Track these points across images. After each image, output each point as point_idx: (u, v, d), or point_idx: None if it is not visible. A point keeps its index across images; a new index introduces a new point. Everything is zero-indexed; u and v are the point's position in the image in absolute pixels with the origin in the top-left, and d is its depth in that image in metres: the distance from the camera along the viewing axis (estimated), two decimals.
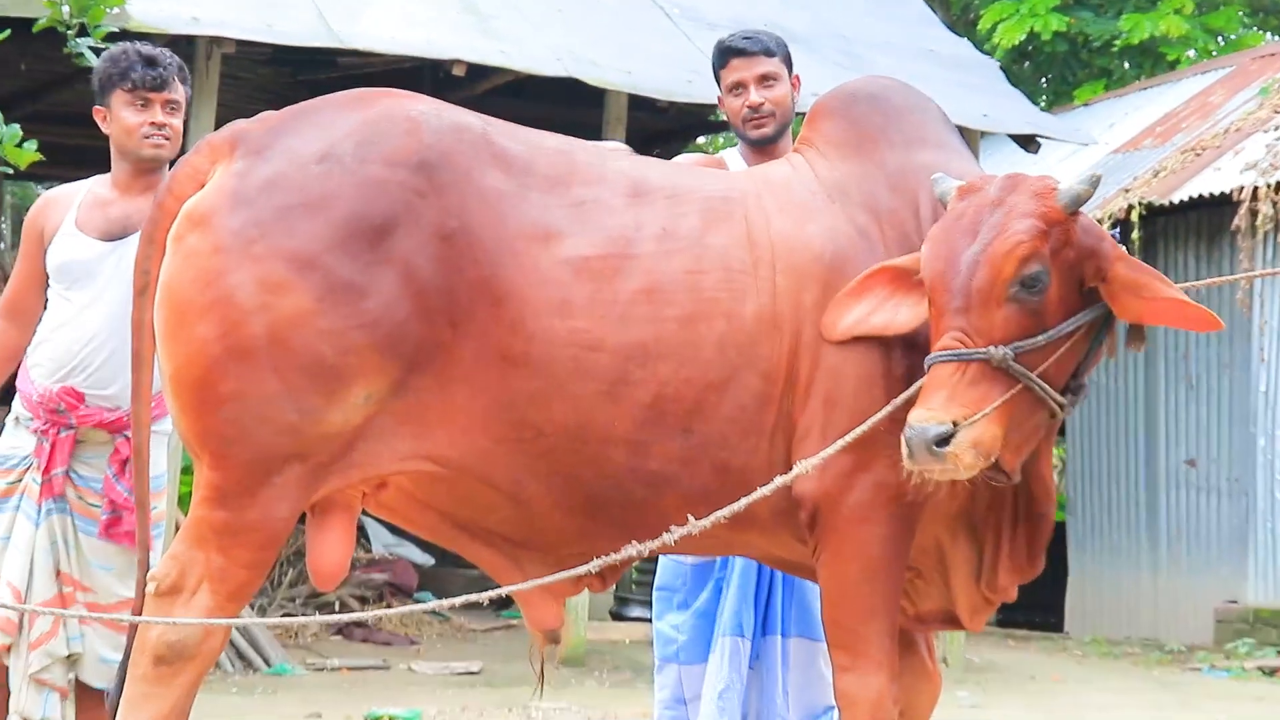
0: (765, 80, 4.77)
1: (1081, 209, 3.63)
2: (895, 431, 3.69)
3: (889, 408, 3.64)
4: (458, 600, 3.51)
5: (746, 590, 4.74)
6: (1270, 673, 11.59)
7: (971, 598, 3.99)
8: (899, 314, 3.67)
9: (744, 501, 3.57)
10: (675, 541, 3.58)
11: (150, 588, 3.56)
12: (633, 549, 3.54)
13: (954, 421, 3.42)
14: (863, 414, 3.67)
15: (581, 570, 3.61)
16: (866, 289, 3.69)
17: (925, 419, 3.43)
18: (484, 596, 3.61)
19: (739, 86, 4.79)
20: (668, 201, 3.81)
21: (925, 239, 3.66)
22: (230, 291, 3.48)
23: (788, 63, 4.84)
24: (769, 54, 4.79)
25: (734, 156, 4.93)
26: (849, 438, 3.60)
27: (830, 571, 3.80)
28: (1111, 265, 3.62)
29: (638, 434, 3.66)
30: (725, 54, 4.83)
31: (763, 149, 4.75)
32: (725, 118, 4.94)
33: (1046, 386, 3.56)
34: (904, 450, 3.46)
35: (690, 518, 3.53)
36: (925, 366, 3.56)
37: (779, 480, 3.60)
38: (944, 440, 3.40)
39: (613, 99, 10.50)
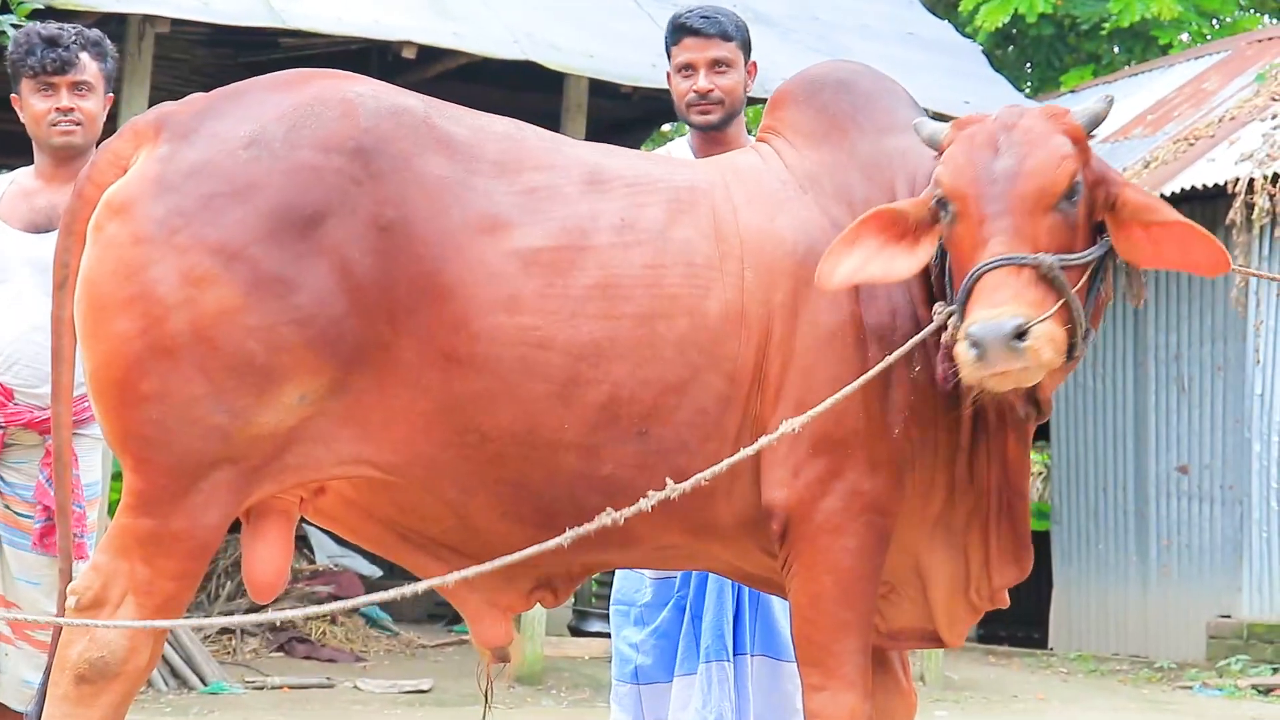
0: (717, 65, 4.75)
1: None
2: (869, 433, 3.71)
3: (880, 366, 3.62)
4: (406, 589, 3.41)
5: (724, 610, 4.74)
6: (1265, 691, 11.64)
7: (953, 609, 3.99)
8: (895, 263, 3.65)
9: (726, 463, 3.53)
10: (634, 553, 3.56)
11: (71, 601, 3.51)
12: (607, 516, 3.46)
13: (1026, 317, 3.40)
14: (837, 418, 3.66)
15: (551, 544, 3.48)
16: (859, 236, 3.66)
17: (997, 315, 3.39)
18: (417, 588, 3.49)
19: (689, 68, 4.77)
20: (628, 190, 3.79)
21: (941, 162, 3.64)
22: (152, 284, 3.44)
23: (745, 48, 4.81)
24: (725, 38, 4.76)
25: (681, 148, 4.92)
26: (838, 396, 3.57)
27: (801, 585, 3.79)
28: (1121, 190, 3.65)
29: (590, 438, 3.64)
30: (679, 31, 4.80)
31: (711, 136, 4.75)
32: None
33: (1081, 309, 3.55)
34: (968, 354, 3.40)
35: (650, 493, 3.45)
36: (972, 275, 3.50)
37: (763, 440, 3.57)
38: (1022, 333, 3.38)
39: (573, 84, 10.51)
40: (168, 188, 3.50)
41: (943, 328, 3.64)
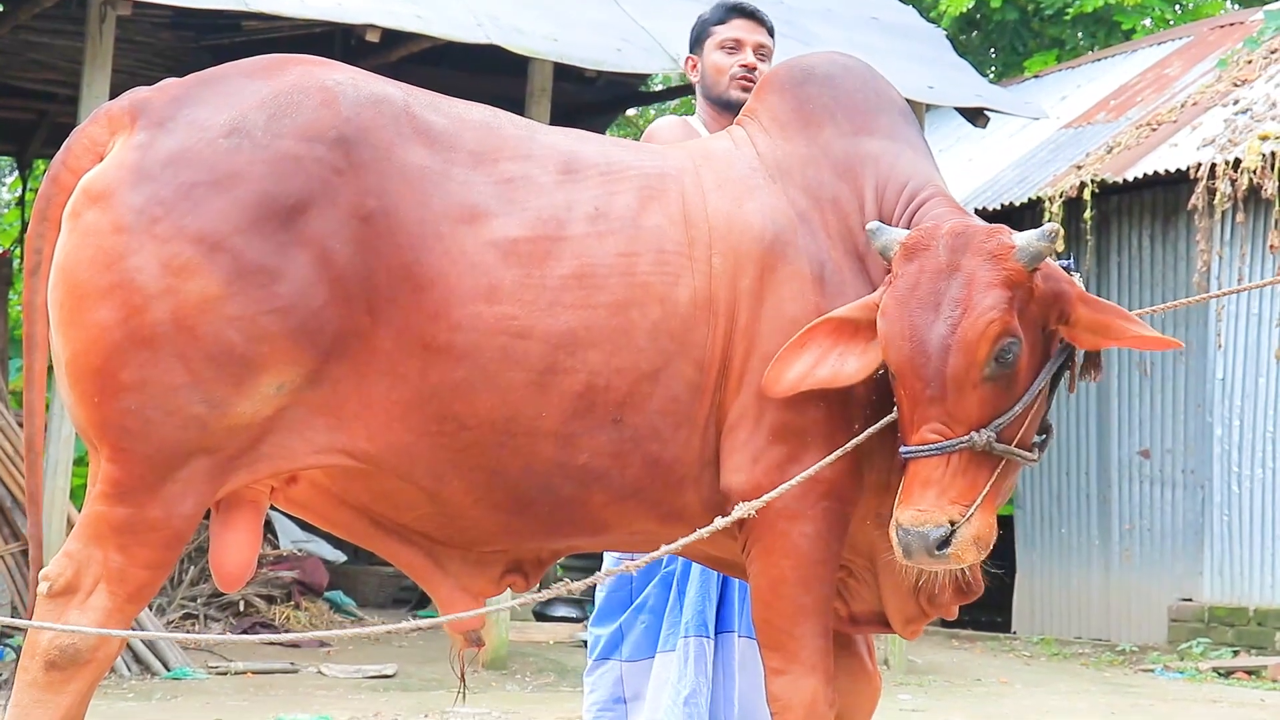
0: (761, 50, 5.02)
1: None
2: (829, 423, 3.76)
3: (860, 438, 3.72)
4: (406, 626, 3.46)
5: (708, 586, 4.78)
6: (1226, 674, 11.73)
7: (905, 607, 4.03)
8: (845, 364, 3.69)
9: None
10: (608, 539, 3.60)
11: (43, 588, 3.51)
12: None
13: (950, 521, 3.51)
14: (797, 407, 3.73)
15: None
16: (809, 340, 3.70)
17: (920, 521, 3.51)
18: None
19: (736, 45, 5.00)
20: (601, 179, 3.82)
21: (880, 312, 3.64)
22: (132, 274, 3.44)
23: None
24: (770, 32, 5.07)
25: (670, 126, 4.98)
26: (829, 459, 3.69)
27: (760, 569, 3.83)
28: (1074, 308, 3.67)
29: (567, 426, 3.67)
30: (732, 11, 5.04)
31: (730, 114, 4.83)
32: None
33: (1025, 453, 3.64)
34: (898, 549, 3.54)
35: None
36: (901, 456, 3.62)
37: (771, 494, 3.68)
38: (944, 542, 3.49)
39: (537, 68, 10.49)
40: (146, 176, 3.50)
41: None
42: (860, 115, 4.03)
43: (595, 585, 4.91)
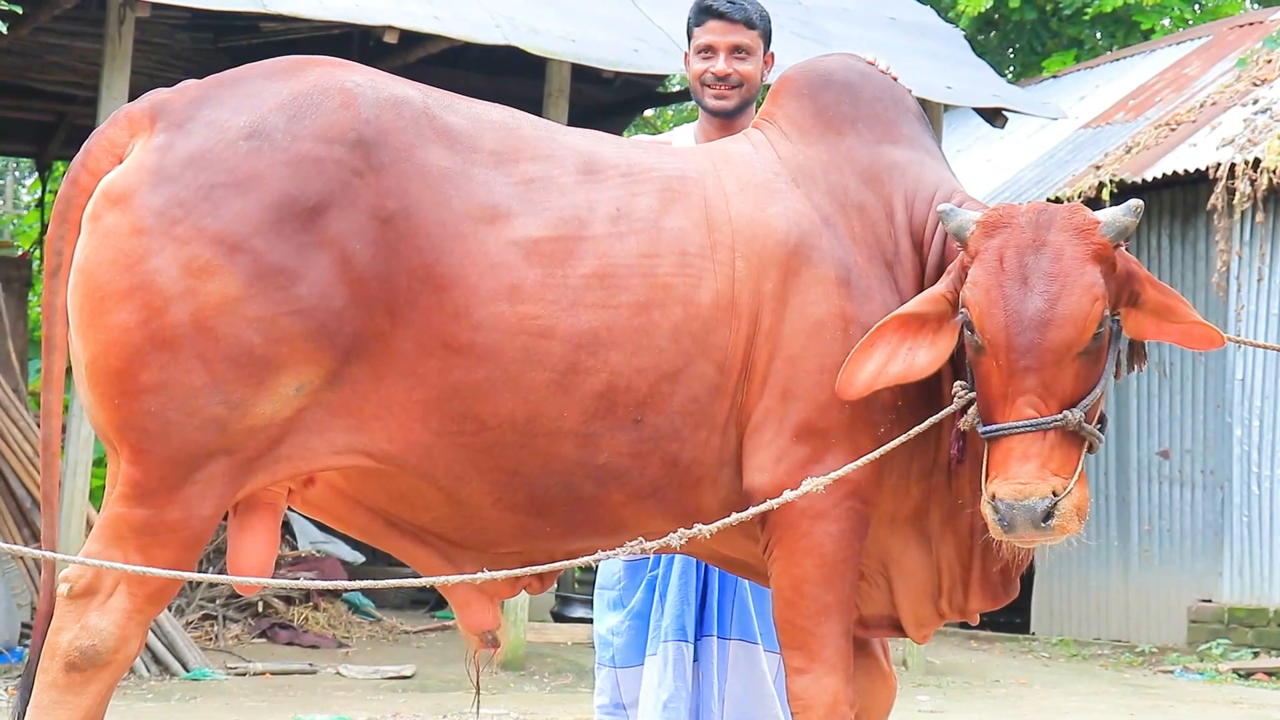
0: (738, 51, 4.81)
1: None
2: (852, 424, 3.76)
3: (911, 433, 3.73)
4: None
5: (687, 591, 4.77)
6: (1246, 675, 11.71)
7: (920, 611, 4.04)
8: (917, 358, 3.71)
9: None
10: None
11: (62, 589, 3.53)
12: (636, 545, 3.59)
13: (1053, 492, 3.53)
14: (822, 408, 3.74)
15: None
16: (877, 340, 3.72)
17: (1024, 494, 3.53)
18: (424, 581, 3.60)
19: (709, 50, 4.82)
20: (622, 180, 3.83)
21: (970, 284, 3.64)
22: (152, 275, 3.46)
23: (766, 38, 4.87)
24: (749, 25, 4.82)
25: (685, 135, 4.94)
26: (869, 458, 3.69)
27: (783, 570, 3.84)
28: (1144, 289, 3.70)
29: (587, 426, 3.68)
30: (704, 13, 4.85)
31: (722, 123, 4.78)
32: (683, 83, 4.96)
33: (1099, 434, 3.67)
34: (996, 523, 3.55)
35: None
36: (988, 432, 3.62)
37: (788, 494, 3.69)
38: (1049, 514, 3.52)
39: (555, 69, 10.49)
40: (167, 178, 3.51)
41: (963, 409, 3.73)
42: (882, 123, 4.04)
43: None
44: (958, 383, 3.76)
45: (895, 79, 4.21)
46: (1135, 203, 3.67)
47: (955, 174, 4.17)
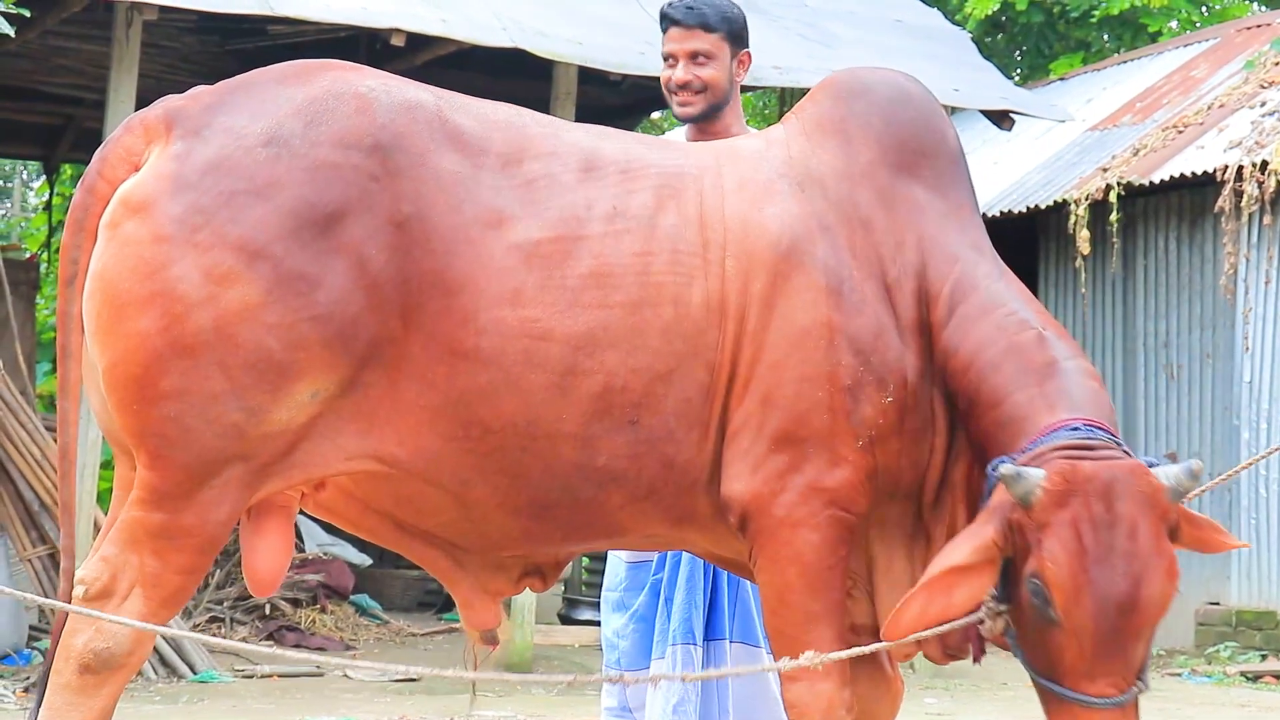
0: (697, 57, 4.77)
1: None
2: (831, 435, 3.72)
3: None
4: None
5: (695, 594, 4.77)
6: (1254, 678, 11.72)
7: None
8: (954, 596, 3.55)
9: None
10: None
11: (79, 591, 3.56)
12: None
13: None
14: (802, 417, 3.71)
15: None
16: (930, 588, 3.55)
17: None
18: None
19: (672, 58, 4.81)
20: (620, 177, 3.82)
21: (1050, 562, 3.45)
22: (173, 283, 3.48)
23: (733, 38, 4.80)
24: (706, 29, 4.76)
25: (680, 138, 4.95)
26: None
27: (767, 578, 3.82)
28: (1182, 529, 3.62)
29: (586, 428, 3.69)
30: (663, 21, 4.85)
31: (700, 127, 4.79)
32: None
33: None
34: None
35: None
36: (1060, 693, 3.59)
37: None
38: None
39: (562, 71, 10.52)
40: (186, 185, 3.53)
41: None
42: (909, 152, 3.93)
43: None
44: (989, 596, 3.60)
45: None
46: (1195, 464, 3.60)
47: (978, 207, 4.03)
